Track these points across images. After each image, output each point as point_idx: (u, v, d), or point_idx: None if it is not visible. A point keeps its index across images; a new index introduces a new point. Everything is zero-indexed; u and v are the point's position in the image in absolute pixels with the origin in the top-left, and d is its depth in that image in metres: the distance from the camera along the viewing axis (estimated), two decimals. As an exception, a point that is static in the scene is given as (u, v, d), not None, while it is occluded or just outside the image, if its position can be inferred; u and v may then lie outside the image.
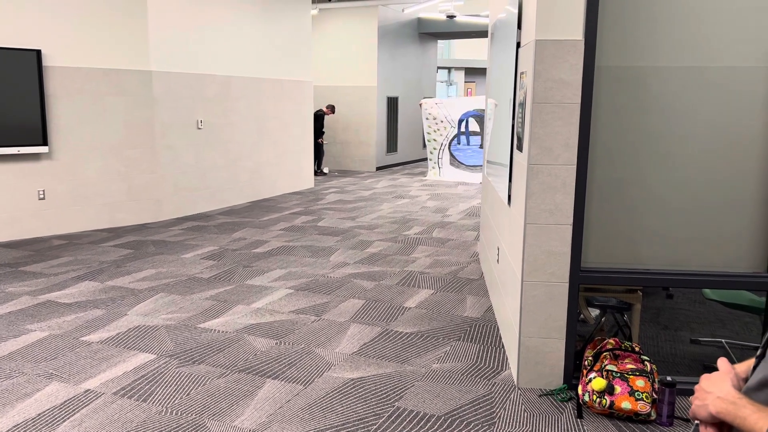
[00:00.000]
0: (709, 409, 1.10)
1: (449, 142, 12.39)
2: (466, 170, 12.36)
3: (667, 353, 3.90)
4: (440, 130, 12.40)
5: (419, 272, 5.67)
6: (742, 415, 1.03)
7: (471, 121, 12.34)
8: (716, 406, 1.09)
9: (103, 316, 4.44)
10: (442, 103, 12.41)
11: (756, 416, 1.01)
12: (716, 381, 1.14)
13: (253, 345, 3.95)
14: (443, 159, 12.51)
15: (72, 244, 6.56)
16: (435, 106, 12.38)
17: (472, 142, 12.37)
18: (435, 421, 3.04)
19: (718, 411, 1.08)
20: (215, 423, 2.99)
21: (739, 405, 1.05)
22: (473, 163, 12.33)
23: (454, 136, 12.34)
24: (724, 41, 3.05)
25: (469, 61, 25.19)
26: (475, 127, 12.28)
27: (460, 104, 12.42)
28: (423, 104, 12.53)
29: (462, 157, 12.40)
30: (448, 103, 12.41)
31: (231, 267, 5.76)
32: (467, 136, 12.34)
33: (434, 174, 12.63)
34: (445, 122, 12.34)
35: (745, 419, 1.02)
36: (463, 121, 12.33)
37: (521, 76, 3.47)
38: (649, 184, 3.21)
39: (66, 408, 3.13)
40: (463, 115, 12.32)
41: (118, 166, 7.47)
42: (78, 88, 7.04)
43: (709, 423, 1.12)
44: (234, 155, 9.21)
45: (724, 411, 1.07)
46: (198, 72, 8.35)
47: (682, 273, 3.23)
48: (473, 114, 12.28)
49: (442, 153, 12.48)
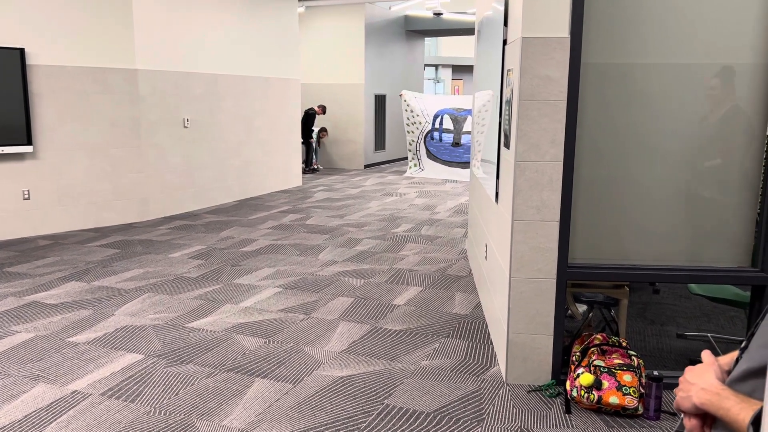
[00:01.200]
0: (693, 401, 1.11)
1: (424, 137, 12.44)
2: (445, 165, 12.35)
3: (654, 348, 3.93)
4: (417, 123, 12.44)
5: (408, 270, 5.67)
6: (726, 406, 1.04)
7: (446, 119, 12.34)
8: (700, 398, 1.10)
9: (90, 316, 4.41)
10: (420, 96, 12.50)
11: (739, 407, 1.02)
12: (700, 373, 1.15)
13: (241, 344, 3.94)
14: (421, 152, 12.55)
15: (58, 245, 6.50)
16: (414, 99, 12.46)
17: (444, 139, 12.35)
18: (424, 418, 3.05)
19: (702, 402, 1.10)
20: (204, 423, 2.98)
21: (722, 396, 1.06)
22: (448, 158, 12.33)
23: (428, 132, 12.39)
24: (708, 38, 3.08)
25: (457, 59, 25.22)
26: (449, 125, 12.29)
27: (437, 100, 12.46)
28: (404, 95, 12.59)
29: (437, 153, 12.42)
30: (426, 98, 12.45)
31: (219, 266, 5.74)
32: (440, 132, 12.35)
33: (414, 168, 12.64)
34: (421, 116, 12.39)
35: (729, 410, 1.03)
36: (437, 117, 12.36)
37: (508, 73, 3.48)
38: (636, 180, 3.23)
39: (53, 410, 3.10)
40: (439, 111, 12.36)
41: (104, 165, 7.42)
42: (62, 86, 6.98)
43: (693, 414, 1.13)
44: (221, 154, 9.17)
45: (707, 402, 1.08)
46: (184, 70, 8.30)
47: (668, 268, 3.26)
48: (448, 112, 12.30)
49: (419, 146, 12.53)
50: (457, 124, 12.21)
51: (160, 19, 7.83)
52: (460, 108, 12.29)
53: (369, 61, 13.91)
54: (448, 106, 12.37)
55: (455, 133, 12.20)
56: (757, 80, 3.09)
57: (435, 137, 12.35)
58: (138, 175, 7.73)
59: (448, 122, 12.32)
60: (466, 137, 12.16)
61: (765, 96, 3.10)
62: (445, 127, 12.34)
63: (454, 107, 12.28)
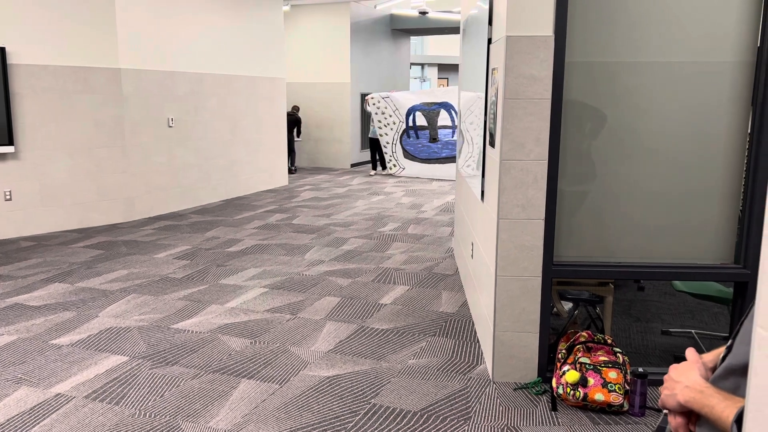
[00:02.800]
0: (677, 399, 1.12)
1: (399, 137, 12.18)
2: (425, 164, 12.12)
3: (639, 345, 3.96)
4: (390, 125, 12.17)
5: (395, 269, 5.67)
6: (710, 403, 1.05)
7: (418, 116, 12.08)
8: (684, 395, 1.10)
9: (74, 318, 4.36)
10: (389, 96, 12.15)
11: (723, 405, 1.02)
12: (684, 371, 1.15)
13: (227, 345, 3.91)
14: (397, 153, 12.29)
15: (41, 246, 6.43)
16: (383, 100, 12.12)
17: (420, 136, 12.10)
18: (411, 417, 3.05)
19: (686, 400, 1.10)
20: (190, 424, 2.96)
21: (706, 394, 1.07)
22: (426, 156, 12.08)
23: (403, 131, 12.14)
24: (691, 37, 3.10)
25: (442, 57, 25.27)
26: (422, 122, 12.04)
27: (406, 98, 12.18)
28: (369, 100, 12.18)
29: (414, 152, 12.18)
30: (396, 97, 12.16)
31: (204, 266, 5.70)
32: (415, 130, 12.10)
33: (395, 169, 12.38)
34: (394, 115, 12.11)
35: (713, 408, 1.04)
36: (410, 114, 12.09)
37: (493, 72, 3.49)
38: (620, 178, 3.25)
39: (36, 413, 3.06)
40: (410, 108, 12.09)
41: (87, 165, 7.34)
42: (44, 86, 6.90)
43: (678, 412, 1.14)
44: (206, 153, 9.11)
45: (692, 400, 1.09)
46: (168, 69, 8.24)
47: (653, 265, 3.28)
48: (419, 108, 12.04)
49: (395, 147, 12.27)
50: (431, 120, 11.97)
51: (143, 18, 7.76)
52: (431, 102, 12.00)
53: (355, 60, 13.89)
54: (418, 101, 12.10)
55: (430, 128, 11.97)
56: (740, 78, 3.11)
57: (411, 135, 12.11)
58: (122, 175, 7.67)
59: (422, 119, 12.07)
60: (443, 132, 11.90)
61: (747, 94, 3.13)
62: (419, 124, 12.08)
63: (424, 102, 12.01)
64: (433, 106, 11.98)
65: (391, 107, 12.08)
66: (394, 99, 12.11)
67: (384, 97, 12.12)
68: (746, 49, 3.08)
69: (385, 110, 12.13)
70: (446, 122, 11.91)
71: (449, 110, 11.85)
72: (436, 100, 11.98)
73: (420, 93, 12.24)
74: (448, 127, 11.90)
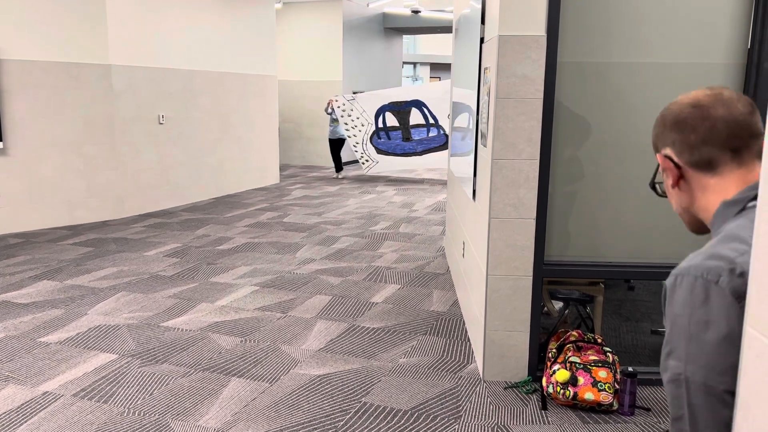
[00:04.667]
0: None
1: (369, 138, 11.48)
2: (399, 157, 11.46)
3: (629, 344, 3.98)
4: (357, 127, 11.44)
5: (386, 267, 5.67)
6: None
7: (388, 116, 11.37)
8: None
9: (62, 315, 4.33)
10: (355, 98, 11.44)
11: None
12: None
13: (217, 343, 3.90)
14: (369, 152, 11.56)
15: (29, 243, 6.38)
16: (348, 103, 11.41)
17: (392, 137, 11.42)
18: (402, 415, 3.05)
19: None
20: (179, 423, 2.95)
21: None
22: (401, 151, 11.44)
23: (373, 133, 11.45)
24: (683, 38, 3.12)
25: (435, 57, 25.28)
26: (393, 122, 11.36)
27: (374, 98, 11.44)
28: (333, 102, 11.36)
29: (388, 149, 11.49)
30: (363, 98, 11.45)
31: (195, 264, 5.68)
32: (386, 132, 11.42)
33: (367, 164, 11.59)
34: (362, 117, 11.38)
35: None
36: (379, 116, 11.38)
37: (485, 71, 3.49)
38: (611, 178, 3.26)
39: (23, 411, 3.04)
40: (379, 109, 11.37)
41: (77, 162, 7.29)
42: (34, 82, 6.84)
43: None
44: (197, 151, 9.07)
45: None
46: (159, 66, 8.19)
47: (643, 265, 3.30)
48: (389, 108, 11.33)
49: (366, 147, 11.53)
50: (402, 119, 11.32)
51: (134, 14, 7.72)
52: (400, 101, 11.31)
53: (347, 58, 13.87)
54: (387, 101, 11.35)
55: (402, 128, 11.34)
56: (730, 80, 3.13)
57: (382, 136, 11.45)
58: (112, 172, 7.62)
59: (392, 119, 11.37)
60: (416, 131, 11.29)
61: (737, 95, 3.14)
62: (390, 125, 11.41)
63: (393, 102, 11.30)
64: (403, 105, 11.32)
65: (358, 109, 11.41)
66: (361, 100, 11.44)
67: (349, 99, 11.44)
68: (736, 51, 3.10)
69: (351, 113, 11.44)
70: (419, 120, 11.31)
71: (421, 108, 11.25)
72: (407, 99, 11.32)
73: (388, 92, 11.50)
74: (422, 125, 11.32)
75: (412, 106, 11.33)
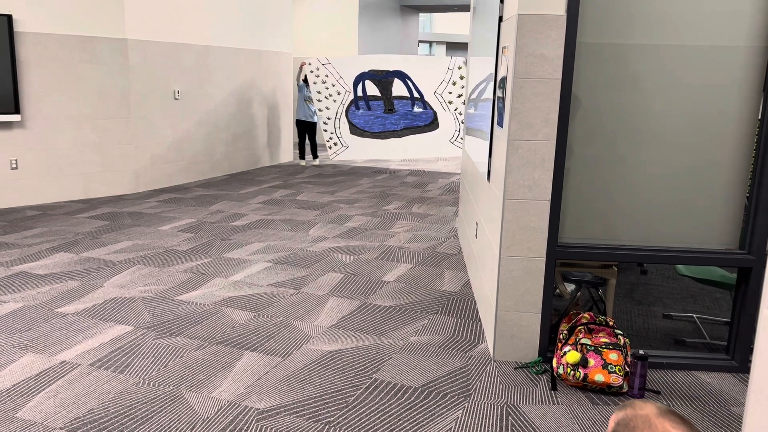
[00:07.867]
0: None
1: (346, 109, 10.28)
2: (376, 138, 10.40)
3: (640, 327, 3.98)
4: (333, 96, 10.22)
5: (398, 247, 5.68)
6: None
7: (368, 84, 10.28)
8: None
9: (79, 287, 4.40)
10: (331, 63, 10.16)
11: None
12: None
13: (231, 317, 3.94)
14: (341, 129, 10.32)
15: (46, 215, 6.45)
16: (323, 67, 10.11)
17: (373, 107, 10.33)
18: (412, 392, 3.08)
19: None
20: (193, 394, 3.00)
21: None
22: (380, 129, 10.39)
23: (351, 102, 10.26)
24: (703, 20, 3.07)
25: (451, 36, 25.03)
26: (373, 91, 10.26)
27: (352, 63, 10.31)
28: (305, 67, 10.00)
29: (365, 125, 10.38)
30: (341, 63, 10.26)
31: (209, 240, 5.72)
32: (366, 101, 10.29)
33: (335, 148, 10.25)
34: (338, 85, 10.19)
35: None
36: (359, 83, 10.26)
37: (503, 50, 3.46)
38: (627, 161, 3.24)
39: (41, 379, 3.10)
40: (358, 76, 10.24)
41: (92, 136, 7.34)
42: (51, 55, 6.87)
43: None
44: (211, 127, 9.09)
45: None
46: (175, 41, 8.19)
47: (657, 249, 3.28)
48: (369, 76, 10.26)
49: (339, 122, 10.30)
50: (385, 89, 10.30)
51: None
52: (382, 70, 10.27)
53: (362, 36, 13.76)
54: (367, 68, 10.26)
55: (384, 99, 10.29)
56: (752, 63, 3.08)
57: (362, 106, 10.29)
58: (127, 146, 7.66)
59: (373, 88, 10.30)
60: (400, 103, 10.30)
61: (759, 79, 3.10)
62: (371, 93, 10.30)
63: (374, 70, 10.27)
64: (384, 75, 10.26)
65: (334, 75, 10.16)
66: (337, 65, 10.22)
67: (324, 63, 10.14)
68: (759, 34, 3.05)
69: (326, 79, 10.18)
70: (402, 92, 10.34)
71: (404, 79, 10.29)
72: (388, 68, 10.29)
73: (369, 57, 10.49)
74: (405, 98, 10.34)
75: (394, 76, 10.32)
